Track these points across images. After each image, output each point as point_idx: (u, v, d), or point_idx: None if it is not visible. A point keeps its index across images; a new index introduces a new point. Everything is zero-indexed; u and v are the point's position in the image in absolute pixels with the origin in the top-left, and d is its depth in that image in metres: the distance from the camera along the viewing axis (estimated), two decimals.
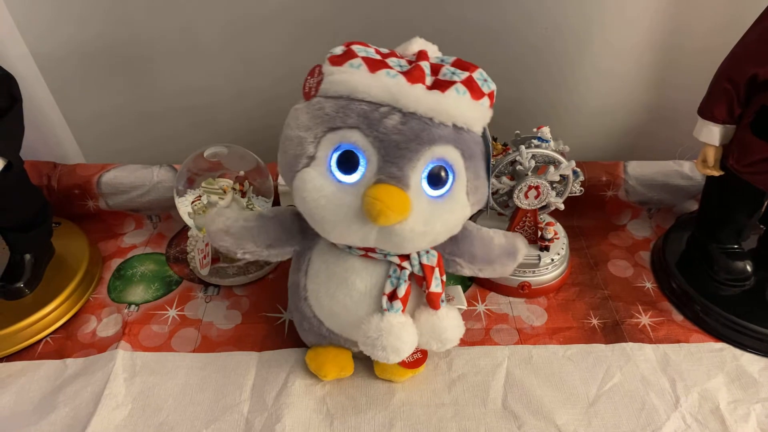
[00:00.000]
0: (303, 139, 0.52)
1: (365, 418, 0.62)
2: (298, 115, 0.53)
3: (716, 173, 0.69)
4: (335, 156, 0.51)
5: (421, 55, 0.53)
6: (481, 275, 0.65)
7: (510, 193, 0.73)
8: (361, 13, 0.81)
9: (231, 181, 0.76)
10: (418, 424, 0.61)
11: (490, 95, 0.53)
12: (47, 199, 0.79)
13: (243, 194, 0.76)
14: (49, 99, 0.85)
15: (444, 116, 0.51)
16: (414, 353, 0.65)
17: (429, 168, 0.51)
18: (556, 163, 0.71)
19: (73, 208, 0.86)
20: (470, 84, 0.51)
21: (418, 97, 0.50)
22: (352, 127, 0.50)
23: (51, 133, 0.87)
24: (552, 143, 0.71)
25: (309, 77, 0.54)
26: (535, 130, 0.73)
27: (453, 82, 0.51)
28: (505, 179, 0.72)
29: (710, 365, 0.68)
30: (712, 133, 0.67)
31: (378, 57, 0.52)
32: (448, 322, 0.59)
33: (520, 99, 0.88)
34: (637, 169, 0.87)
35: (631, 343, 0.70)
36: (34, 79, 0.82)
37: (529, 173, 0.71)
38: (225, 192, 0.74)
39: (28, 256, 0.73)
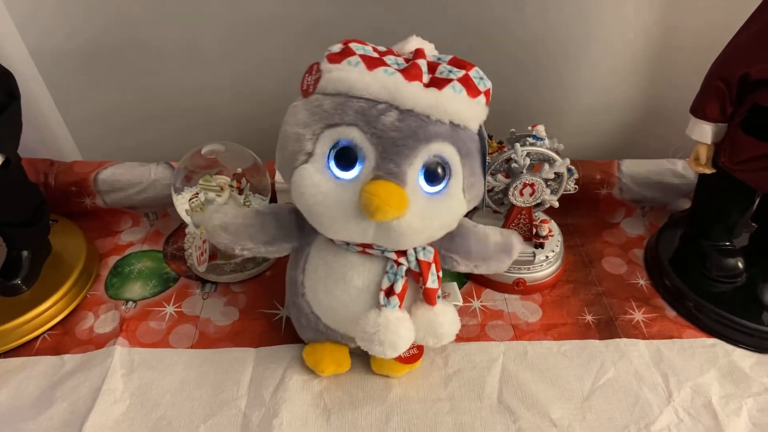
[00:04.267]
0: (301, 136, 0.52)
1: (362, 412, 0.62)
2: (296, 112, 0.53)
3: (708, 171, 0.70)
4: (333, 152, 0.52)
5: (419, 53, 0.54)
6: (477, 271, 0.65)
7: (505, 191, 0.74)
8: (359, 16, 0.82)
9: (228, 179, 0.76)
10: (415, 419, 0.62)
11: (486, 93, 0.54)
12: (44, 196, 0.79)
13: (240, 191, 0.76)
14: (47, 97, 0.85)
15: (441, 113, 0.51)
16: (410, 349, 0.65)
17: (426, 165, 0.52)
18: (550, 161, 0.71)
19: (70, 205, 0.86)
20: (467, 82, 0.52)
21: (416, 95, 0.50)
22: (350, 124, 0.51)
23: (48, 130, 0.87)
24: (547, 141, 0.72)
25: (307, 74, 0.55)
26: (530, 128, 0.73)
27: (450, 80, 0.51)
28: (500, 177, 0.73)
29: (703, 360, 0.69)
30: (704, 132, 0.68)
31: (375, 55, 0.52)
32: (444, 317, 0.59)
33: (515, 98, 0.88)
34: (630, 167, 0.88)
35: (624, 339, 0.71)
36: (32, 76, 0.82)
37: (524, 171, 0.71)
38: (222, 189, 0.74)
39: (25, 253, 0.73)
